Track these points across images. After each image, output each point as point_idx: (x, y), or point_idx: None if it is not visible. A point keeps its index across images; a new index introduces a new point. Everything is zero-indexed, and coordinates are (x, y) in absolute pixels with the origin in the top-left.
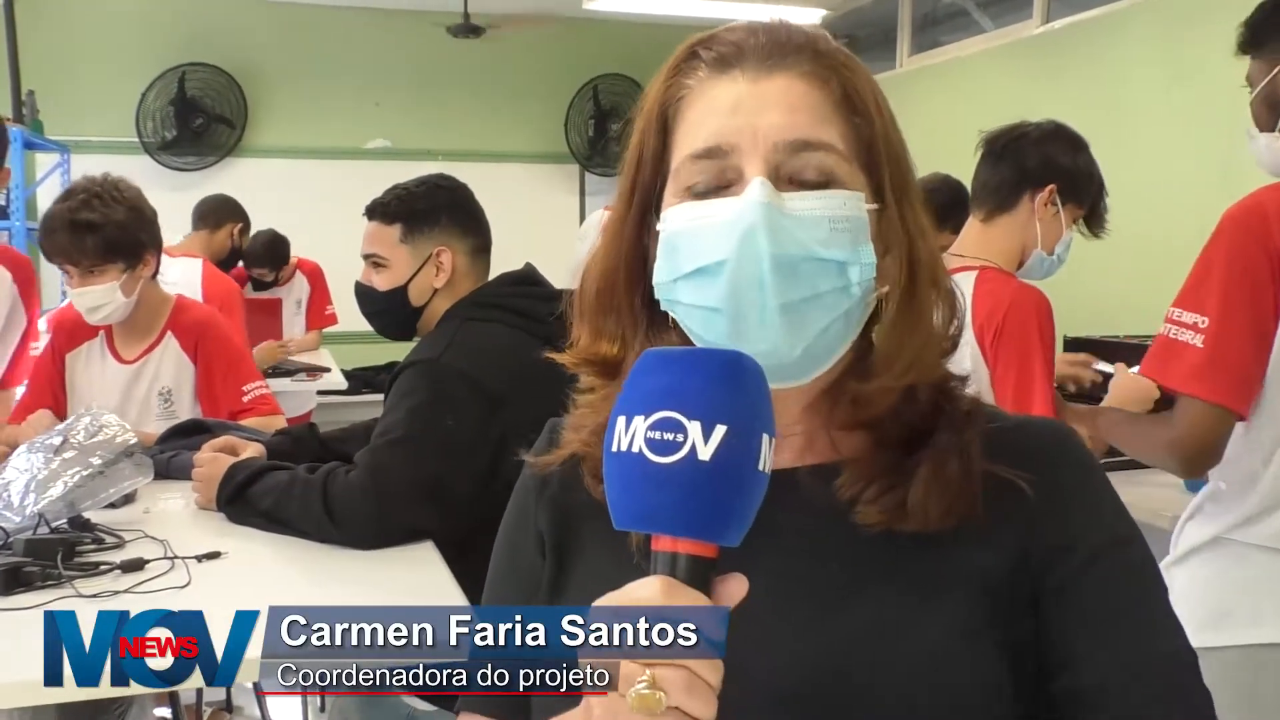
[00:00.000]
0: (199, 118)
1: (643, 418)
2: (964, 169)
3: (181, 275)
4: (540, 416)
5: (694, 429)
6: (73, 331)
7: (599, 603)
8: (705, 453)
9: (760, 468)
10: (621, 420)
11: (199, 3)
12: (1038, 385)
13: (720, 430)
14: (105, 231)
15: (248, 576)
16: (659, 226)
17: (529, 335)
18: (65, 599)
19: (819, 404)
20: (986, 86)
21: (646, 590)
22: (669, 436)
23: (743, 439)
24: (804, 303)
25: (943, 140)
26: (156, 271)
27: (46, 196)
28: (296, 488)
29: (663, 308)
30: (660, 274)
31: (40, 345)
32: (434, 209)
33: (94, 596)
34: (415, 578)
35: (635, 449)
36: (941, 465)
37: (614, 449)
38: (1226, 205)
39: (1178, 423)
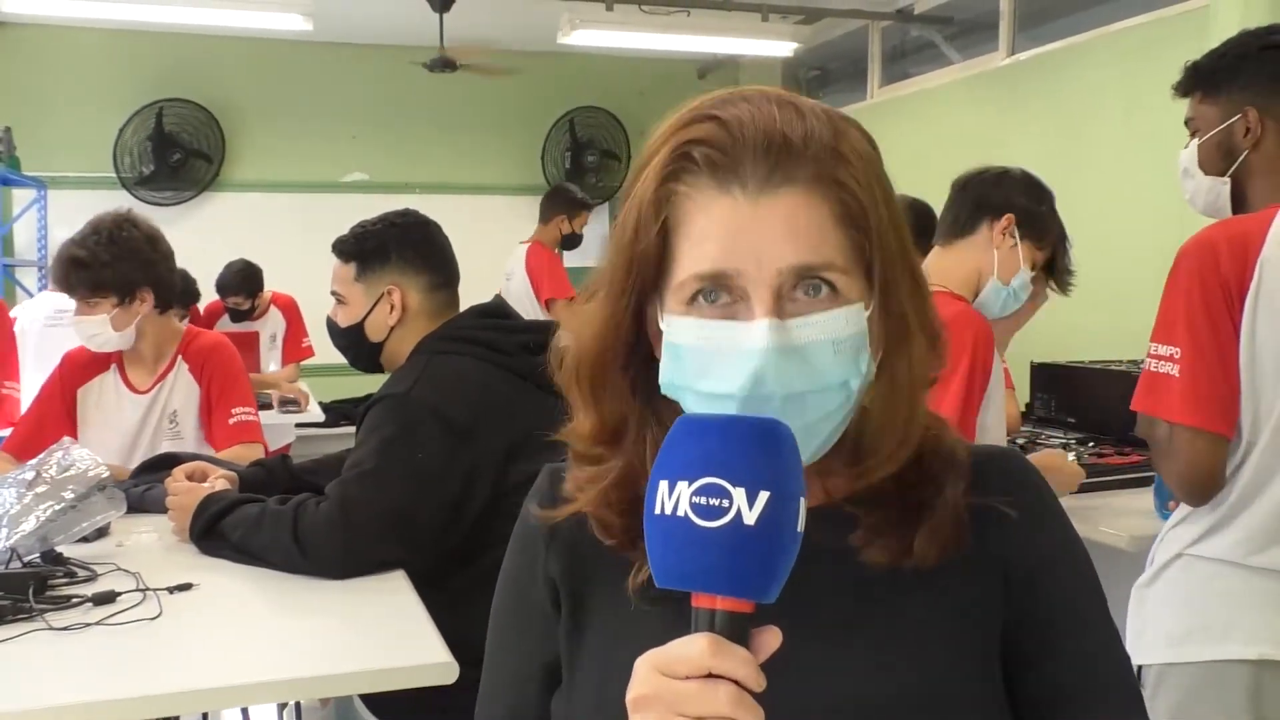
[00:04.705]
0: (176, 152)
1: (686, 483)
2: (932, 197)
3: None
4: (508, 447)
5: (739, 495)
6: (84, 366)
7: (643, 658)
8: (750, 517)
9: (799, 529)
10: (664, 485)
11: (176, 38)
12: (950, 400)
13: (764, 496)
14: (91, 270)
15: (219, 608)
16: (663, 326)
17: (497, 367)
18: (36, 632)
19: (812, 467)
20: (954, 116)
21: (694, 648)
22: (714, 502)
23: (785, 503)
24: (813, 424)
25: (911, 169)
26: (168, 309)
27: (23, 232)
28: (266, 520)
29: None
30: (667, 375)
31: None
32: (383, 247)
33: (65, 629)
34: (386, 608)
35: (680, 513)
36: (944, 518)
37: (656, 512)
38: (1184, 228)
39: (1177, 454)
